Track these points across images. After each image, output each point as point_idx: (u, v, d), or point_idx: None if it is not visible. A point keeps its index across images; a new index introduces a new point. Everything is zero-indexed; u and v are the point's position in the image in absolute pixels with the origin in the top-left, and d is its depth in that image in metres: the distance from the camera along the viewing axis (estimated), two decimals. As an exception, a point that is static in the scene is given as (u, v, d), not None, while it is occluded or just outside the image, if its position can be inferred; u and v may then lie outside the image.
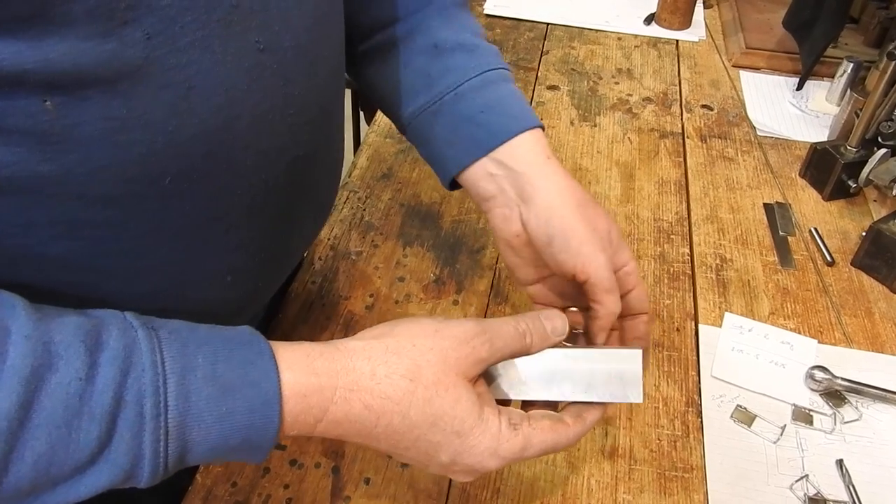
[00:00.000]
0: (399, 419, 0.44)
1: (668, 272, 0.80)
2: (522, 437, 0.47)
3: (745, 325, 0.74)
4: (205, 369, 0.41)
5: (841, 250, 0.84)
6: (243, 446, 0.42)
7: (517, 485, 0.60)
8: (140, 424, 0.39)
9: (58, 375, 0.37)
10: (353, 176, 0.91)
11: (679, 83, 1.12)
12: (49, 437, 0.37)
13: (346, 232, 0.83)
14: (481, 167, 0.59)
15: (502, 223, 0.59)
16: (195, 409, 0.40)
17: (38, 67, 0.37)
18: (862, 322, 0.76)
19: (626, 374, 0.49)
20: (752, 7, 1.26)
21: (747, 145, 0.99)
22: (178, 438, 0.40)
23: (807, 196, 0.92)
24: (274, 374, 0.42)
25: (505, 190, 0.58)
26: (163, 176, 0.45)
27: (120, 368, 0.39)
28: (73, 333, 0.39)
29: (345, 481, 0.60)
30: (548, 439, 0.47)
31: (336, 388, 0.44)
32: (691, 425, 0.65)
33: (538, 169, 0.58)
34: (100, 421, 0.38)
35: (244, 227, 0.53)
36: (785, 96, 1.10)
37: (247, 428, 0.41)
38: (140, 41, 0.40)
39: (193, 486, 0.59)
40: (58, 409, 0.37)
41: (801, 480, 0.61)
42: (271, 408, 0.42)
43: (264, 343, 0.44)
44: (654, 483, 0.61)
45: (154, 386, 0.39)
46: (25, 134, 0.39)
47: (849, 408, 0.67)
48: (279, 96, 0.50)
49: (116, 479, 0.39)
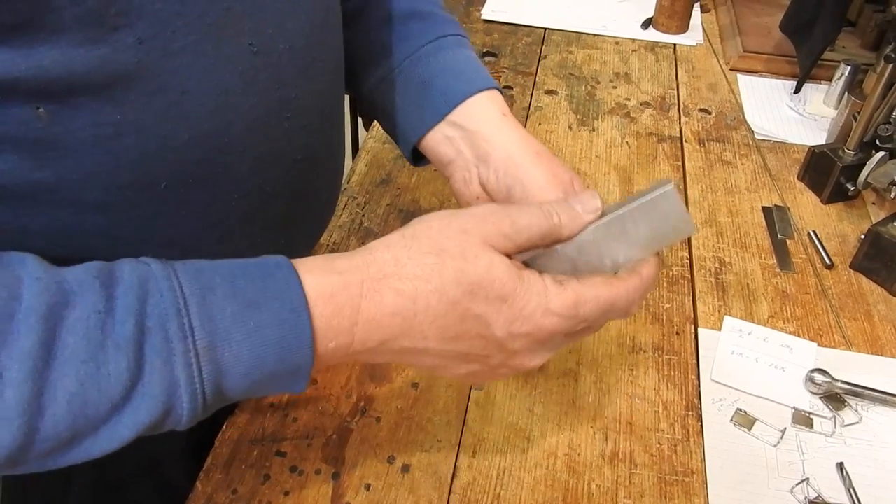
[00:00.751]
0: (436, 298, 0.42)
1: (667, 276, 0.80)
2: (573, 292, 0.44)
3: (744, 328, 0.74)
4: (224, 288, 0.39)
5: (840, 253, 0.84)
6: (281, 368, 0.40)
7: (517, 490, 0.60)
8: (168, 349, 0.37)
9: (76, 311, 0.36)
10: (352, 182, 0.91)
11: (677, 87, 1.12)
12: (77, 373, 0.36)
13: (345, 238, 0.83)
14: (439, 132, 0.58)
15: (463, 187, 0.58)
16: (222, 327, 0.38)
17: (30, 75, 0.37)
18: (861, 325, 0.76)
19: (666, 210, 0.44)
20: (749, 11, 1.27)
21: (745, 149, 1.00)
22: (211, 361, 0.38)
23: (805, 199, 0.92)
24: (295, 280, 0.40)
25: (462, 152, 0.57)
26: (157, 182, 0.45)
27: (137, 296, 0.37)
28: (84, 271, 0.38)
29: (345, 487, 0.60)
30: (602, 294, 0.44)
31: (362, 281, 0.42)
32: (691, 429, 0.65)
33: (493, 126, 0.57)
34: (126, 351, 0.36)
35: (242, 234, 0.53)
36: (783, 99, 1.10)
37: (279, 342, 0.39)
38: (132, 46, 0.40)
39: (193, 494, 0.59)
40: (80, 343, 0.36)
41: (802, 484, 0.61)
42: (300, 315, 0.40)
43: (280, 257, 0.42)
44: (654, 487, 0.61)
45: (175, 308, 0.38)
46: (18, 141, 0.40)
47: (849, 411, 0.67)
48: (274, 100, 0.49)
49: (156, 414, 0.38)
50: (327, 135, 0.59)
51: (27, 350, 0.34)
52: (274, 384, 0.41)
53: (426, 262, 0.42)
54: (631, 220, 0.45)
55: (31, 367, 0.34)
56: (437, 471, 0.61)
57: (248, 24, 0.46)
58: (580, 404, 0.67)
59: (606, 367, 0.70)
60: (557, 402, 0.66)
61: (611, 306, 0.45)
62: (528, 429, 0.65)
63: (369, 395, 0.66)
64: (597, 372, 0.69)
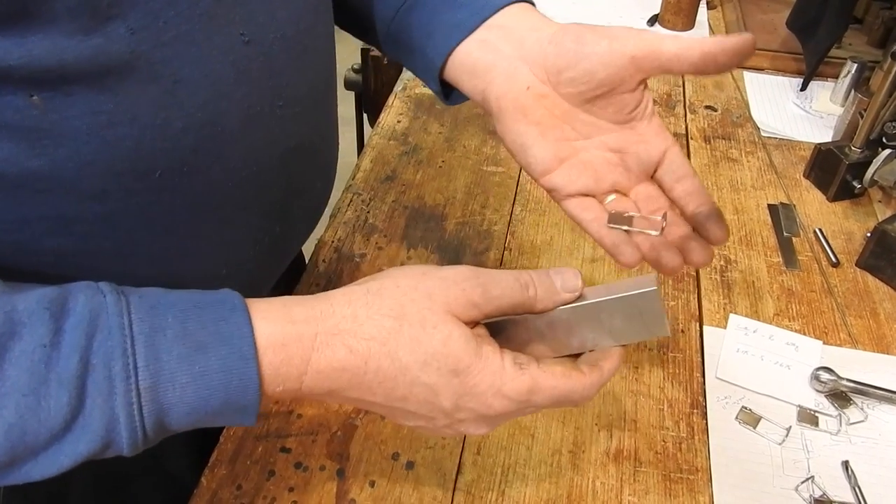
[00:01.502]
0: (388, 362, 0.41)
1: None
2: (530, 378, 0.43)
3: (749, 326, 0.74)
4: (175, 328, 0.39)
5: (846, 251, 0.83)
6: (227, 408, 0.40)
7: (522, 487, 0.60)
8: (110, 387, 0.37)
9: (21, 343, 0.36)
10: (357, 178, 0.91)
11: (683, 84, 1.11)
12: (17, 406, 0.36)
13: (350, 234, 0.83)
14: (472, 40, 0.53)
15: (507, 84, 0.51)
16: (167, 369, 0.38)
17: (23, 63, 0.37)
18: (867, 323, 0.75)
19: (644, 309, 0.44)
20: (755, 7, 1.26)
21: (751, 146, 0.99)
22: (153, 401, 0.38)
23: (811, 197, 0.91)
24: (247, 327, 0.40)
25: (500, 49, 0.51)
26: (153, 170, 0.45)
27: (85, 332, 0.38)
28: (36, 301, 0.38)
29: (350, 484, 0.60)
30: (559, 385, 0.43)
31: (316, 333, 0.41)
32: (696, 427, 0.65)
33: (536, 22, 0.52)
34: (68, 386, 0.37)
35: (237, 221, 0.53)
36: (789, 97, 1.09)
37: (225, 387, 0.39)
38: (125, 36, 0.40)
39: (198, 490, 0.59)
40: (23, 377, 0.36)
41: (807, 482, 0.61)
42: (248, 364, 0.40)
43: (238, 299, 0.42)
44: (659, 485, 0.61)
45: (122, 348, 0.38)
46: (14, 129, 0.40)
47: (854, 409, 0.67)
48: (267, 89, 0.49)
49: (95, 447, 0.38)
50: (320, 123, 0.59)
51: None
52: (222, 420, 0.42)
53: (384, 324, 0.42)
54: (608, 309, 0.45)
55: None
56: (442, 468, 0.61)
57: (239, 13, 0.46)
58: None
59: (611, 365, 0.70)
60: (562, 400, 0.66)
61: (565, 398, 0.44)
62: (532, 426, 0.65)
63: (374, 392, 0.66)
64: (601, 369, 0.69)
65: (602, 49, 0.47)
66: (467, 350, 0.42)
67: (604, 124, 0.51)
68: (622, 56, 0.47)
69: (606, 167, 0.52)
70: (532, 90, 0.50)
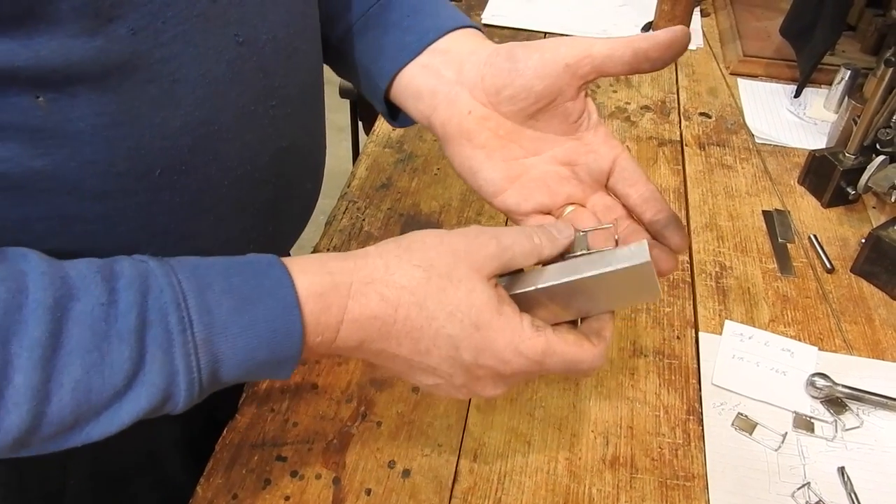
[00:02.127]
0: (416, 310, 0.43)
1: (668, 280, 0.80)
2: (545, 340, 0.45)
3: (745, 332, 0.74)
4: (221, 284, 0.41)
5: (840, 257, 0.84)
6: (271, 358, 0.42)
7: (518, 494, 0.60)
8: (169, 340, 0.39)
9: (80, 303, 0.38)
10: (353, 186, 0.91)
11: (677, 91, 1.12)
12: (83, 361, 0.37)
13: (345, 242, 0.83)
14: (416, 64, 0.55)
15: (449, 109, 0.53)
16: (219, 321, 0.40)
17: (30, 64, 0.38)
18: (862, 329, 0.76)
19: (640, 277, 0.46)
20: (749, 15, 1.27)
21: (746, 153, 1.00)
22: (208, 352, 0.40)
23: (806, 203, 0.92)
24: (288, 280, 0.42)
25: (442, 74, 0.53)
26: (152, 170, 0.47)
27: (139, 290, 0.39)
28: (86, 266, 0.39)
29: (346, 492, 0.60)
30: (570, 352, 0.46)
31: (351, 283, 0.43)
32: (692, 433, 0.65)
33: (476, 45, 0.54)
34: (129, 341, 0.38)
35: (232, 219, 0.55)
36: (783, 104, 1.10)
37: (271, 336, 0.41)
38: (126, 37, 0.41)
39: (194, 499, 0.59)
40: (86, 333, 0.38)
41: (803, 488, 0.61)
42: (291, 312, 0.42)
43: (273, 257, 0.44)
44: (655, 492, 0.61)
45: (175, 303, 0.39)
46: (18, 130, 0.41)
47: (850, 415, 0.67)
48: (259, 88, 0.51)
49: (155, 400, 0.40)
50: (309, 124, 0.60)
51: (36, 339, 0.36)
52: (263, 372, 0.44)
53: (414, 274, 0.44)
54: (606, 280, 0.47)
55: (39, 355, 0.36)
56: (438, 475, 0.61)
57: (233, 14, 0.48)
58: (581, 408, 0.67)
59: (607, 372, 0.70)
60: (558, 407, 0.66)
61: (574, 366, 0.46)
62: (528, 433, 0.64)
63: (370, 400, 0.66)
64: (597, 376, 0.69)
65: (535, 62, 0.49)
66: (489, 305, 0.44)
67: (551, 138, 0.52)
68: (556, 65, 0.48)
69: (559, 181, 0.53)
70: (473, 114, 0.52)
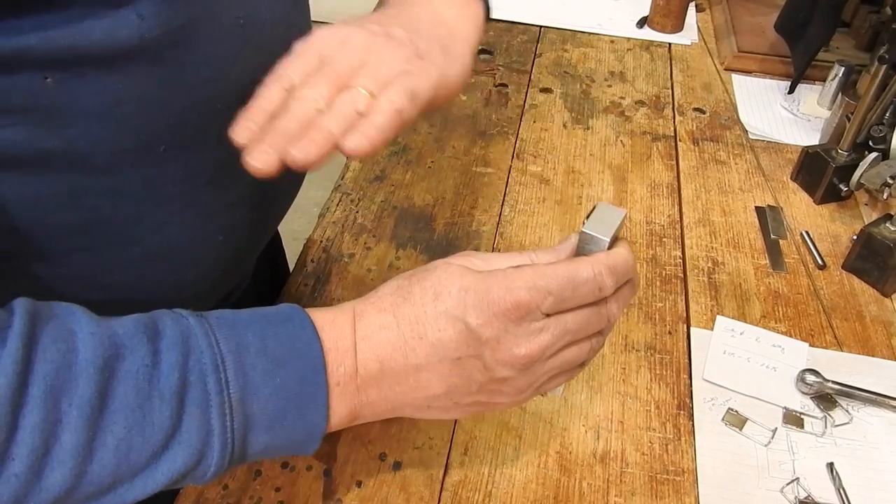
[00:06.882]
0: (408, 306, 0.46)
1: (660, 275, 0.80)
2: (530, 269, 0.46)
3: (736, 328, 0.74)
4: (256, 346, 0.43)
5: (832, 254, 0.84)
6: (298, 423, 0.44)
7: (509, 488, 0.60)
8: (206, 401, 0.41)
9: (126, 364, 0.39)
10: (346, 178, 0.91)
11: (671, 86, 1.12)
12: (126, 420, 0.39)
13: (338, 234, 0.83)
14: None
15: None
16: (252, 382, 0.42)
17: (40, 44, 0.40)
18: (853, 325, 0.76)
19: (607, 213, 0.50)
20: (744, 10, 1.27)
21: (739, 149, 1.00)
22: (241, 413, 0.42)
23: (798, 199, 0.92)
24: (317, 344, 0.44)
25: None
26: (157, 146, 0.49)
27: (181, 352, 0.41)
28: (133, 326, 0.41)
29: (337, 484, 0.60)
30: (561, 266, 0.46)
31: (353, 308, 0.47)
32: (683, 428, 0.65)
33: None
34: (170, 401, 0.40)
35: (233, 189, 0.57)
36: (777, 100, 1.10)
37: (299, 396, 0.43)
38: (133, 22, 0.43)
39: (184, 489, 0.58)
40: (130, 393, 0.39)
41: (792, 483, 0.61)
42: (318, 375, 0.44)
43: (304, 314, 0.46)
44: (645, 486, 0.61)
45: (214, 364, 0.41)
46: (29, 112, 0.43)
47: (839, 411, 0.67)
48: (260, 68, 0.53)
49: (190, 461, 0.41)
50: None
51: (86, 399, 0.37)
52: (290, 444, 0.45)
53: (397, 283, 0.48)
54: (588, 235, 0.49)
55: (88, 414, 0.37)
56: (429, 468, 0.61)
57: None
58: (572, 403, 0.67)
59: (598, 366, 0.70)
60: (549, 401, 0.67)
61: (573, 277, 0.46)
62: (519, 427, 0.65)
63: (361, 392, 0.66)
64: (589, 370, 0.69)
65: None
66: (465, 272, 0.46)
67: None
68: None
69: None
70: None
